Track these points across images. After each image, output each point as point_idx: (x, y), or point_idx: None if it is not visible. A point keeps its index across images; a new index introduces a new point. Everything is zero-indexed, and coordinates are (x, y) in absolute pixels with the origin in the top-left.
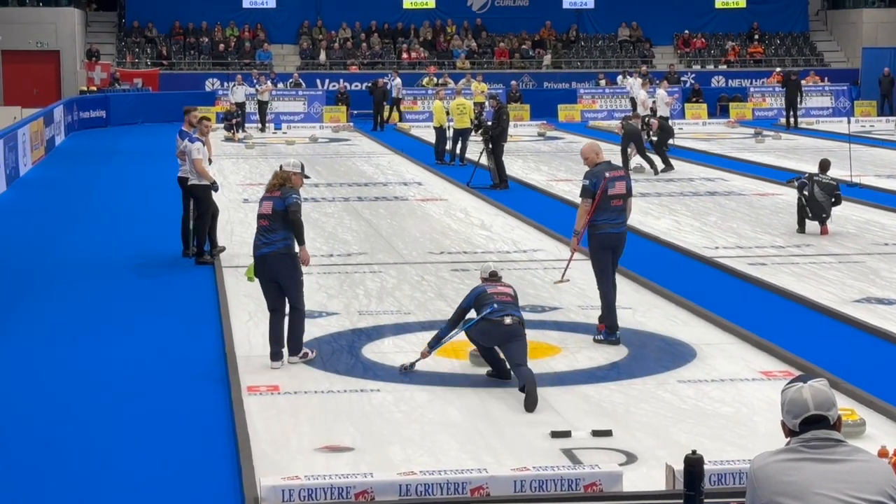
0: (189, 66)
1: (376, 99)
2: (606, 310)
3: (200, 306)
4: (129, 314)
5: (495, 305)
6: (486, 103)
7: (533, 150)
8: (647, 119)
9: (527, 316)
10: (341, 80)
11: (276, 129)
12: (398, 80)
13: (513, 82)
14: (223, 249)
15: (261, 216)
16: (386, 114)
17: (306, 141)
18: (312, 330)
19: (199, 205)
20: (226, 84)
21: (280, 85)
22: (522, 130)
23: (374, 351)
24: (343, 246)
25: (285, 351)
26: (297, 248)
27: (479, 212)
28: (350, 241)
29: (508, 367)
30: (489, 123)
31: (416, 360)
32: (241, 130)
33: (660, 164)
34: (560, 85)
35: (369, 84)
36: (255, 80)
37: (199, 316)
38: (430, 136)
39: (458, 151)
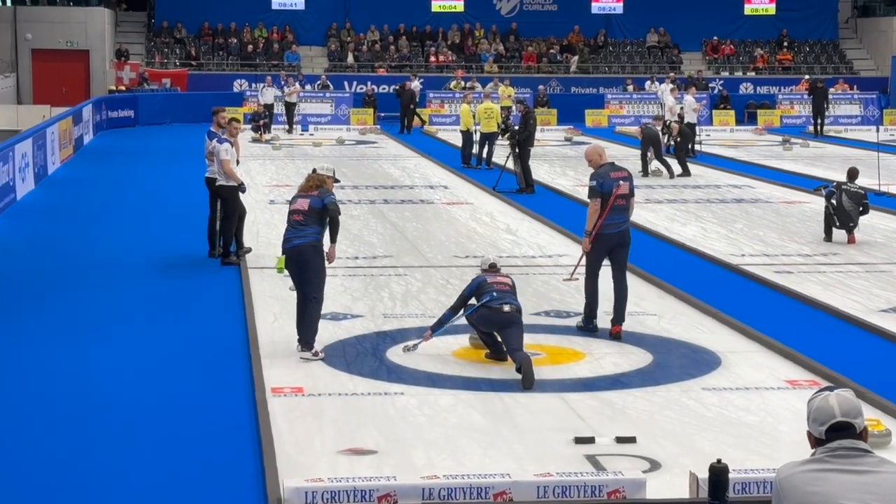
0: (217, 67)
1: (403, 102)
2: (588, 298)
3: (226, 307)
4: (154, 314)
5: (494, 294)
6: (514, 107)
7: (560, 155)
8: (668, 123)
9: (551, 321)
10: (369, 83)
11: (303, 130)
12: (416, 83)
13: (540, 87)
14: (249, 250)
15: (295, 212)
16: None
17: (333, 143)
18: (337, 332)
19: (226, 205)
20: (254, 85)
21: (308, 87)
22: (549, 135)
23: (398, 354)
24: (369, 248)
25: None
26: (325, 245)
27: (505, 216)
28: (376, 243)
29: (505, 350)
30: (516, 128)
31: (419, 342)
32: (268, 132)
33: (677, 169)
34: (587, 90)
35: (396, 87)
36: (282, 82)
37: (224, 316)
38: (456, 139)
39: (484, 155)
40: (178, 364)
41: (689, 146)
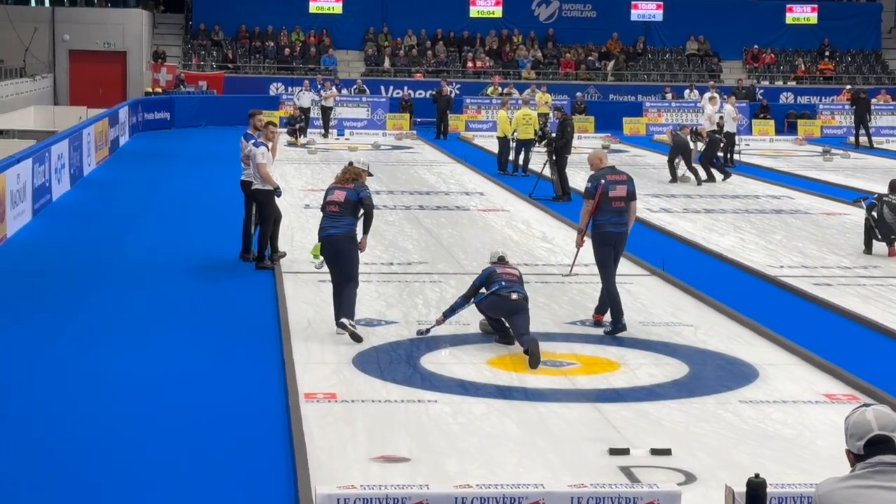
0: (254, 70)
1: (440, 107)
2: (609, 298)
3: (259, 312)
4: (186, 318)
5: (503, 283)
6: (551, 114)
7: None
8: (695, 129)
9: (586, 330)
10: (405, 88)
11: (338, 134)
12: (447, 89)
13: (578, 94)
14: (284, 255)
15: (331, 203)
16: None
17: (369, 147)
18: (371, 339)
19: (262, 209)
20: (290, 89)
21: (344, 91)
22: (587, 142)
23: (432, 361)
24: (403, 254)
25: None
26: (358, 234)
27: (541, 224)
28: (410, 249)
29: (513, 334)
30: (553, 135)
31: (432, 326)
32: (304, 136)
33: (703, 175)
34: (626, 97)
35: (433, 92)
36: (319, 86)
37: (257, 321)
38: (493, 145)
39: (521, 162)
40: (211, 369)
41: (728, 155)
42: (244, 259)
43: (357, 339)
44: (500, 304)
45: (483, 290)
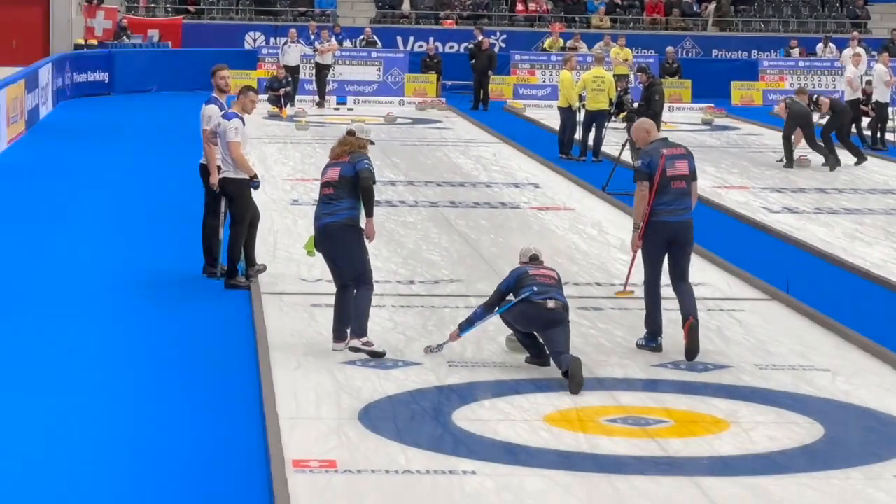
0: (223, 15)
1: (478, 66)
2: (651, 309)
3: (231, 348)
4: (131, 358)
5: (536, 288)
6: (632, 77)
7: (695, 144)
8: (815, 97)
9: (682, 375)
10: (431, 39)
11: (338, 102)
12: (488, 42)
13: (669, 49)
14: (263, 269)
15: (325, 184)
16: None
17: (380, 121)
18: (385, 386)
19: (233, 207)
20: (272, 41)
21: (346, 44)
22: (680, 115)
23: (468, 417)
24: (428, 270)
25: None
26: (363, 221)
27: (619, 227)
28: (438, 262)
29: (549, 352)
30: (635, 105)
31: (445, 343)
32: (290, 104)
33: (823, 155)
34: (735, 54)
35: (470, 44)
36: (312, 37)
37: (228, 362)
38: (553, 119)
39: (590, 142)
40: (167, 428)
41: (879, 133)
42: (209, 275)
43: (377, 355)
44: (532, 315)
45: (511, 296)
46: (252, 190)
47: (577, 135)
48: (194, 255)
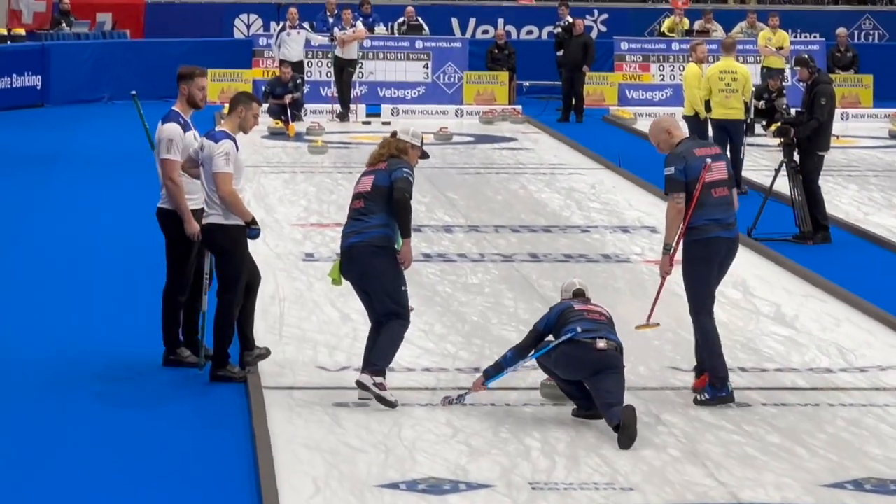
0: None
1: (569, 58)
2: (708, 351)
3: (219, 470)
4: (79, 481)
5: (582, 326)
6: (787, 72)
7: (881, 167)
8: None
9: (865, 499)
10: (501, 22)
11: (368, 114)
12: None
13: (840, 31)
14: (266, 354)
15: (356, 196)
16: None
17: (430, 139)
18: None
19: (223, 266)
20: (272, 26)
21: (380, 29)
22: (858, 125)
23: None
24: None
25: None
26: (399, 242)
27: (773, 288)
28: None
29: (598, 405)
30: (792, 112)
31: (467, 393)
32: (297, 116)
33: None
34: None
35: (556, 28)
36: (330, 19)
37: (216, 490)
38: None
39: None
40: None
41: None
42: (181, 362)
43: (387, 404)
44: (578, 358)
45: (550, 337)
46: (249, 240)
47: None
48: (155, 332)
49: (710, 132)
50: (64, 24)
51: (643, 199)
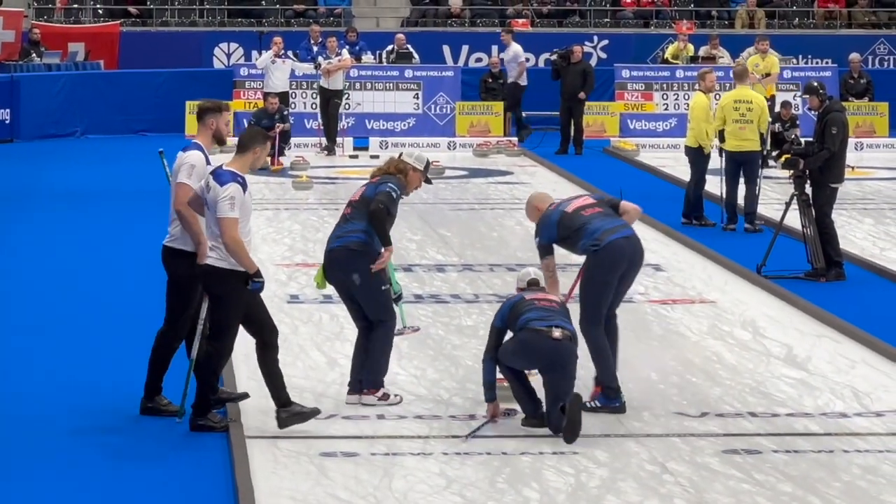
0: (181, 19)
1: (567, 87)
2: (601, 362)
3: None
4: None
5: (533, 314)
6: (794, 101)
7: (894, 200)
8: None
9: None
10: (494, 50)
11: (356, 147)
12: (513, 49)
13: (853, 56)
14: (244, 396)
15: (347, 204)
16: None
17: (438, 166)
18: None
19: (217, 311)
20: (254, 55)
21: (367, 58)
22: (873, 156)
23: None
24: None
25: None
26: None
27: (781, 327)
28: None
29: (546, 401)
30: (802, 142)
31: (484, 424)
32: (283, 150)
33: None
34: None
35: (554, 55)
36: (314, 49)
37: None
38: (681, 165)
39: (745, 201)
40: None
41: None
42: (160, 410)
43: (399, 403)
44: (535, 345)
45: (509, 333)
46: (250, 289)
47: (722, 191)
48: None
49: (723, 164)
50: (34, 55)
51: (647, 234)
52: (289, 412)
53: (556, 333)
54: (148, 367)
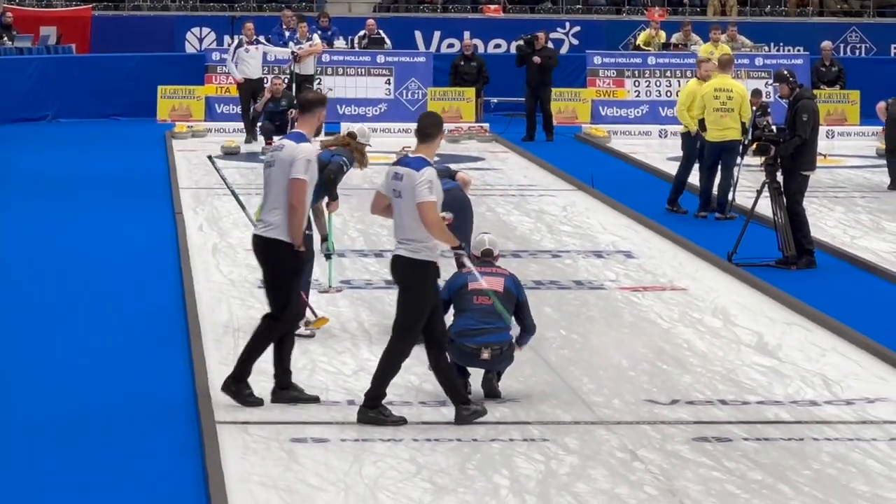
0: (152, 4)
1: (532, 74)
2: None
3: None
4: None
5: (468, 323)
6: (766, 89)
7: (868, 188)
8: None
9: None
10: (466, 35)
11: (327, 132)
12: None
13: (825, 44)
14: (315, 399)
15: None
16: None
17: (392, 160)
18: None
19: (412, 302)
20: (226, 40)
21: (339, 43)
22: (844, 143)
23: None
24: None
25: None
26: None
27: (752, 315)
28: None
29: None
30: (773, 128)
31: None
32: (251, 137)
33: None
34: None
35: (520, 40)
36: (286, 35)
37: None
38: (653, 151)
39: (715, 190)
40: None
41: None
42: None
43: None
44: (466, 360)
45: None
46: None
47: (708, 182)
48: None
49: (702, 151)
50: (5, 38)
51: (618, 221)
52: (469, 410)
53: (485, 355)
54: (242, 354)
